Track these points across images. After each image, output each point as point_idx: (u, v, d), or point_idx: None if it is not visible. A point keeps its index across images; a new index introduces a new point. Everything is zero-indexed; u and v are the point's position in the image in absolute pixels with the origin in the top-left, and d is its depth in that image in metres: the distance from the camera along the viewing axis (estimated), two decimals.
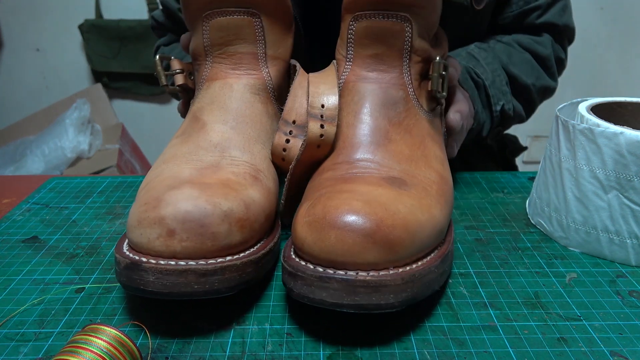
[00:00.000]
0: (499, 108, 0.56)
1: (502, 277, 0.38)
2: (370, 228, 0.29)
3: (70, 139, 1.52)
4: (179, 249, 0.30)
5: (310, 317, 0.34)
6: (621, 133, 0.37)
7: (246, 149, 0.38)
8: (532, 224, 0.46)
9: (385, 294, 0.29)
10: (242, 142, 0.38)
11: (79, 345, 0.26)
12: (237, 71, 0.40)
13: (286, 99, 0.41)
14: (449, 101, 0.47)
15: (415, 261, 0.31)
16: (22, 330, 0.33)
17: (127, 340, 0.27)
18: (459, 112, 0.45)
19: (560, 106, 0.45)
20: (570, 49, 0.65)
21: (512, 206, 0.49)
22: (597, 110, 0.44)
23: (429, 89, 0.40)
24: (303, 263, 0.31)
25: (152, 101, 1.80)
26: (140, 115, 1.81)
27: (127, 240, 0.33)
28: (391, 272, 0.30)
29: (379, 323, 0.33)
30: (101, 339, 0.26)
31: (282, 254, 0.33)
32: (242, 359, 0.30)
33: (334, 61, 0.41)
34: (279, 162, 0.40)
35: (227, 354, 0.31)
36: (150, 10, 1.65)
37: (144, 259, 0.30)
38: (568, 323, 0.33)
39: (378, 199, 0.31)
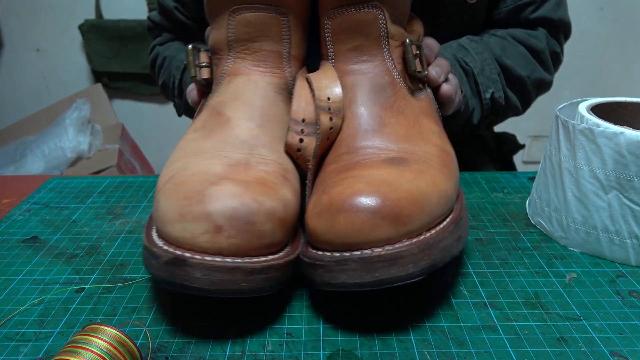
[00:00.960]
0: (488, 96, 0.56)
1: (502, 277, 0.38)
2: (376, 205, 0.30)
3: (70, 139, 1.52)
4: (226, 246, 0.30)
5: (310, 317, 0.34)
6: (621, 133, 0.37)
7: (273, 148, 0.37)
8: (532, 224, 0.46)
9: (404, 265, 0.30)
10: (269, 141, 0.38)
11: (79, 345, 0.26)
12: (261, 68, 0.40)
13: None
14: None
15: (428, 230, 0.32)
16: (22, 330, 0.33)
17: (127, 340, 0.27)
18: (438, 66, 0.45)
19: (560, 106, 0.45)
20: (570, 49, 0.65)
21: (512, 206, 0.49)
22: (597, 110, 0.44)
23: (408, 71, 0.40)
24: (320, 253, 0.32)
25: (152, 101, 1.80)
26: (140, 115, 1.81)
27: (155, 233, 0.33)
28: (405, 243, 0.30)
29: (378, 323, 0.33)
30: (101, 339, 0.26)
31: (299, 250, 0.34)
32: (242, 359, 0.30)
33: (323, 61, 0.42)
34: (293, 161, 0.40)
35: (227, 354, 0.31)
36: (150, 10, 1.65)
37: (188, 254, 0.30)
38: (568, 323, 0.33)
39: (380, 178, 0.32)
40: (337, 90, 0.39)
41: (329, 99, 0.39)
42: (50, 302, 0.36)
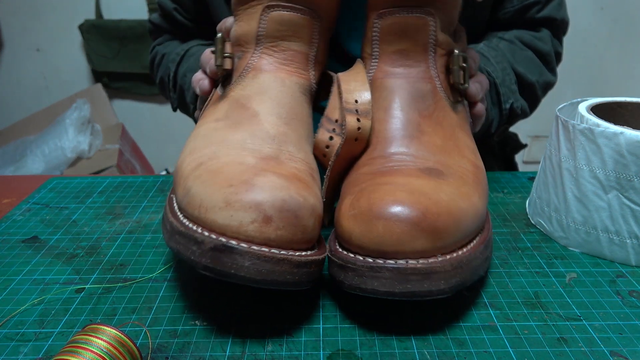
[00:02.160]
0: (508, 106, 0.56)
1: (502, 277, 0.38)
2: (417, 217, 0.30)
3: (70, 139, 1.52)
4: (274, 237, 0.30)
5: (310, 317, 0.34)
6: (621, 133, 0.37)
7: (300, 147, 0.37)
8: (532, 224, 0.46)
9: (436, 280, 0.30)
10: (297, 140, 0.37)
11: (79, 345, 0.26)
12: (288, 68, 0.39)
13: (318, 108, 0.41)
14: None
15: (461, 248, 0.32)
16: (22, 330, 0.33)
17: (127, 340, 0.27)
18: (479, 82, 0.44)
19: (560, 106, 0.45)
20: (571, 49, 0.65)
21: (512, 206, 0.49)
22: (597, 110, 0.44)
23: (451, 81, 0.40)
24: (352, 255, 0.31)
25: (152, 101, 1.80)
26: (140, 115, 1.81)
27: (185, 219, 0.32)
28: (439, 259, 0.30)
29: (378, 323, 0.33)
30: (101, 339, 0.26)
31: (327, 248, 0.34)
32: (242, 359, 0.30)
33: (359, 60, 0.41)
34: (320, 157, 0.40)
35: (227, 354, 0.31)
36: (150, 10, 1.65)
37: (234, 242, 0.29)
38: (568, 323, 0.33)
39: (420, 189, 0.32)
40: (366, 94, 0.39)
41: (356, 101, 0.38)
42: (50, 302, 0.36)
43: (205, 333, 0.32)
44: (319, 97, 0.44)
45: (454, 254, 0.31)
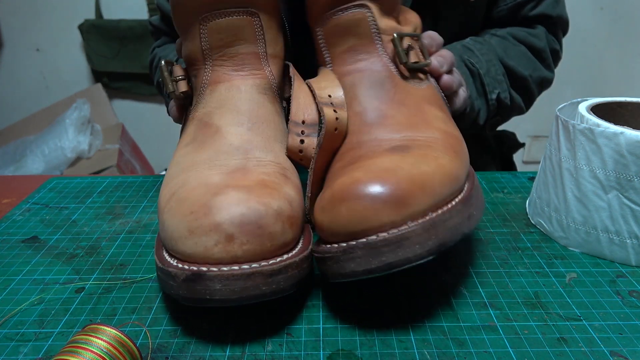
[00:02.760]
0: (494, 97, 0.56)
1: (502, 277, 0.38)
2: (376, 190, 0.30)
3: (70, 139, 1.52)
4: (240, 253, 0.30)
5: (310, 317, 0.34)
6: (621, 133, 0.37)
7: (268, 148, 0.37)
8: (532, 224, 0.46)
9: (410, 246, 0.30)
10: (263, 143, 0.38)
11: (79, 345, 0.26)
12: (241, 72, 0.40)
13: (287, 99, 0.41)
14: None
15: (434, 211, 0.31)
16: (22, 330, 0.33)
17: (127, 340, 0.27)
18: (441, 56, 0.44)
19: (560, 106, 0.45)
20: (571, 49, 0.65)
21: (512, 206, 0.49)
22: (597, 110, 0.44)
23: (400, 62, 0.40)
24: (328, 246, 0.32)
25: (152, 101, 1.80)
26: (140, 115, 1.81)
27: (166, 253, 0.33)
28: (410, 224, 0.30)
29: (378, 323, 0.33)
30: (101, 339, 0.26)
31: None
32: (242, 359, 0.30)
33: (321, 67, 0.42)
34: (296, 161, 0.40)
35: (227, 354, 0.31)
36: (150, 10, 1.65)
37: (205, 268, 0.29)
38: (568, 323, 0.33)
39: (380, 166, 0.32)
40: (338, 89, 0.39)
41: (329, 96, 0.39)
42: (50, 302, 0.36)
43: (205, 333, 0.32)
44: (290, 87, 0.45)
45: (426, 217, 0.31)
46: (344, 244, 0.30)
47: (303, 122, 0.39)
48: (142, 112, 1.81)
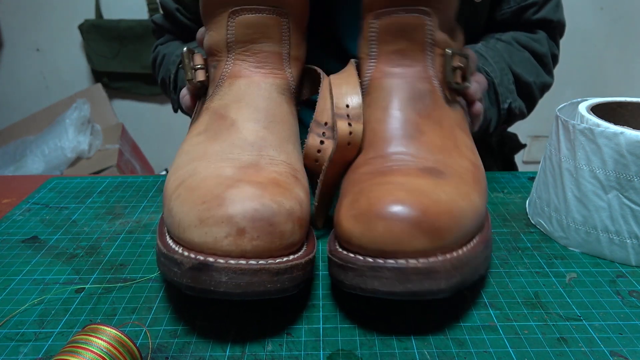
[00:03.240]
0: (506, 106, 0.56)
1: (502, 277, 0.38)
2: (417, 216, 0.30)
3: (70, 139, 1.52)
4: (249, 248, 0.30)
5: (310, 317, 0.34)
6: (621, 133, 0.37)
7: (281, 148, 0.37)
8: (532, 224, 0.46)
9: (437, 279, 0.30)
10: (277, 142, 0.37)
11: (79, 345, 0.26)
12: (262, 70, 0.39)
13: (303, 103, 0.40)
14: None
15: (460, 247, 0.32)
16: (22, 330, 0.33)
17: (127, 340, 0.27)
18: (477, 82, 0.44)
19: (560, 106, 0.45)
20: (570, 49, 0.65)
21: (512, 206, 0.49)
22: (597, 110, 0.44)
23: (446, 80, 0.40)
24: (352, 255, 0.31)
25: (152, 101, 1.80)
26: (140, 115, 1.81)
27: (170, 240, 0.32)
28: (440, 258, 0.30)
29: (378, 323, 0.33)
30: (101, 339, 0.26)
31: (327, 248, 0.34)
32: (242, 359, 0.30)
33: (352, 60, 0.41)
34: (311, 163, 0.40)
35: (227, 354, 0.31)
36: (150, 10, 1.65)
37: (212, 259, 0.29)
38: (568, 323, 0.33)
39: (419, 188, 0.32)
40: (357, 98, 0.39)
41: (347, 105, 0.38)
42: (50, 302, 0.36)
43: (205, 333, 0.32)
44: (309, 91, 0.44)
45: (454, 253, 0.31)
46: (371, 260, 0.30)
47: (325, 123, 0.39)
48: (142, 112, 1.81)
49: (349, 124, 0.38)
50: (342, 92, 0.39)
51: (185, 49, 0.42)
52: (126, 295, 0.36)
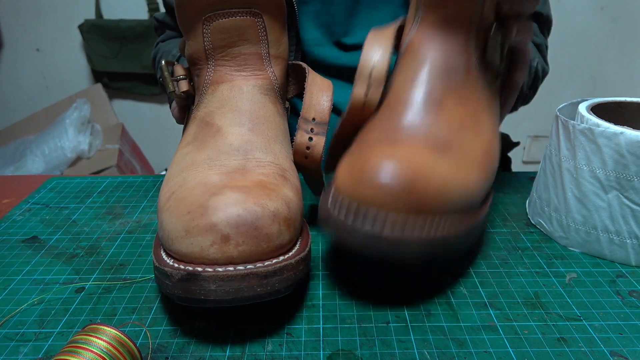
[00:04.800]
0: (534, 64, 0.57)
1: (502, 277, 0.38)
2: (402, 188, 0.30)
3: (70, 139, 1.52)
4: (236, 254, 0.30)
5: (310, 317, 0.34)
6: (621, 133, 0.37)
7: (268, 149, 0.37)
8: (532, 224, 0.46)
9: (407, 252, 0.31)
10: (263, 143, 0.38)
11: (79, 345, 0.26)
12: (244, 72, 0.39)
13: (290, 100, 0.41)
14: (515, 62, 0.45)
15: (442, 225, 0.32)
16: (22, 330, 0.33)
17: (127, 340, 0.27)
18: (525, 65, 0.43)
19: (560, 106, 0.45)
20: (570, 49, 0.65)
21: (512, 206, 0.49)
22: (597, 110, 0.44)
23: (486, 57, 0.38)
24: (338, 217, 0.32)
25: (152, 101, 1.80)
26: (140, 115, 1.81)
27: (163, 252, 0.33)
28: (415, 233, 0.31)
29: (378, 323, 0.33)
30: (101, 339, 0.26)
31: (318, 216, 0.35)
32: (242, 359, 0.30)
33: (400, 17, 0.40)
34: (301, 160, 0.40)
35: (227, 354, 0.31)
36: (150, 10, 1.65)
37: (200, 269, 0.30)
38: (568, 323, 0.33)
39: (418, 161, 0.32)
40: (383, 63, 0.38)
41: (373, 68, 0.38)
42: (50, 302, 0.36)
43: (205, 333, 0.32)
44: (296, 87, 0.45)
45: (431, 231, 0.31)
46: (350, 223, 0.31)
47: (313, 119, 0.39)
48: (142, 112, 1.81)
49: (368, 87, 0.38)
50: (372, 52, 0.38)
51: (163, 62, 0.42)
52: (126, 295, 0.36)
